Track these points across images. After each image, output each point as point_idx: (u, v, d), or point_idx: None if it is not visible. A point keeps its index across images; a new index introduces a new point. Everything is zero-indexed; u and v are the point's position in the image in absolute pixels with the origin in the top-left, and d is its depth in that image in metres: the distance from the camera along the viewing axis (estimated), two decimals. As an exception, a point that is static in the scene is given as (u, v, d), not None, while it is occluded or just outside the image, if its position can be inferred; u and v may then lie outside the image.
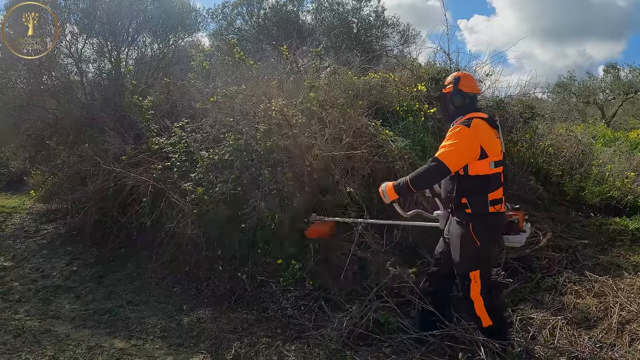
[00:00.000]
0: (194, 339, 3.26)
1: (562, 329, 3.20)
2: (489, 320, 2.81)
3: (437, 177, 2.79)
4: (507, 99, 5.65)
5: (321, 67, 5.50)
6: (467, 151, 2.70)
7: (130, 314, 3.70)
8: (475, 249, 2.79)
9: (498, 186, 2.78)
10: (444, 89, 3.04)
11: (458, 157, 2.69)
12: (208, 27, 10.96)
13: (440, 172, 2.70)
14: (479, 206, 2.76)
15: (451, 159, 2.67)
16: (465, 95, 2.90)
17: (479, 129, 2.73)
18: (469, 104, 2.91)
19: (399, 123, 4.78)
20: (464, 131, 2.71)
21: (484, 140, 2.72)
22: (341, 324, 3.12)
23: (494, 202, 2.76)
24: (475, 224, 2.77)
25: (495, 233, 2.88)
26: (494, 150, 2.76)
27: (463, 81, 2.93)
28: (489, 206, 2.75)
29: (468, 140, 2.69)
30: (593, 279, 3.89)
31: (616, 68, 15.30)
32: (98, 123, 5.91)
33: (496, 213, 2.77)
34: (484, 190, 2.75)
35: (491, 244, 2.91)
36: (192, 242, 4.24)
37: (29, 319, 3.58)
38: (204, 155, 4.24)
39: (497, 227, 2.87)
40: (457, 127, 2.76)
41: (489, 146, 2.73)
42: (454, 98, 2.92)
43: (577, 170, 6.16)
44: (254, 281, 3.97)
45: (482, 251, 2.81)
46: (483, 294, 2.80)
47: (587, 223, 5.28)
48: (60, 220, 6.24)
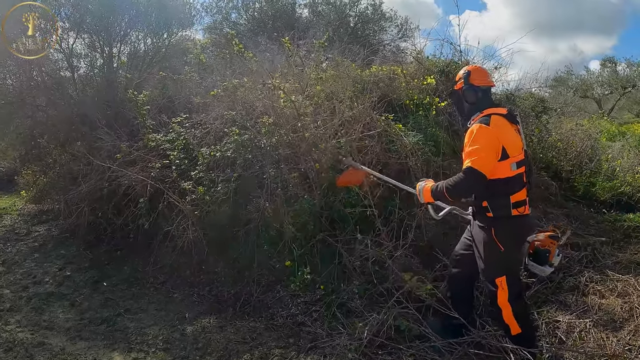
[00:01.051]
0: (199, 351, 3.02)
1: (589, 331, 3.07)
2: (517, 328, 2.66)
3: (475, 186, 2.60)
4: (517, 93, 5.45)
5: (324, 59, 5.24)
6: (494, 150, 2.55)
7: (129, 324, 3.45)
8: (499, 255, 2.64)
9: (521, 187, 2.64)
10: (455, 86, 2.90)
11: (488, 160, 2.53)
12: (202, 21, 10.71)
13: (476, 181, 2.53)
14: (501, 210, 2.62)
15: (484, 165, 2.51)
16: (478, 90, 2.74)
17: (498, 127, 2.58)
18: (483, 99, 2.75)
19: (409, 117, 4.57)
20: (484, 131, 2.55)
21: (505, 139, 2.57)
22: (360, 333, 2.90)
23: (517, 204, 2.61)
24: (497, 228, 2.63)
25: (520, 237, 2.72)
26: (515, 149, 2.61)
27: (474, 75, 2.78)
28: (511, 209, 2.61)
29: (490, 139, 2.54)
30: (615, 279, 3.77)
31: (614, 62, 15.23)
32: (90, 120, 5.63)
33: (519, 216, 2.63)
34: (506, 193, 2.60)
35: (516, 249, 2.72)
36: (192, 245, 4.01)
37: (21, 331, 3.33)
38: (204, 152, 3.99)
39: (522, 231, 2.73)
40: (476, 127, 2.59)
41: (510, 145, 2.58)
42: (466, 94, 2.77)
43: (587, 166, 6.03)
44: (260, 286, 3.75)
45: (507, 256, 2.65)
46: (511, 301, 2.65)
47: (601, 219, 5.14)
48: (53, 221, 5.95)
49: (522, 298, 2.77)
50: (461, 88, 2.79)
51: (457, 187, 2.60)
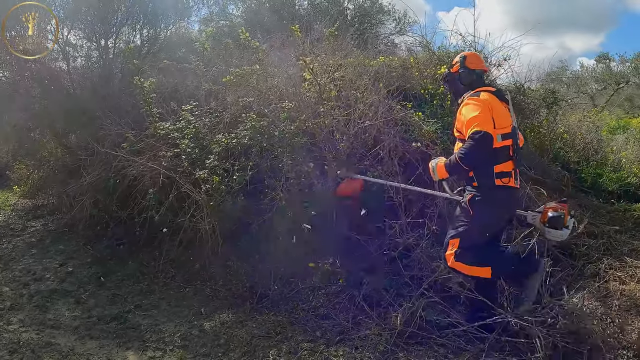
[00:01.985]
0: (222, 348, 2.85)
1: (614, 317, 3.09)
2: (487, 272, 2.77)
3: (485, 148, 2.63)
4: (528, 84, 5.41)
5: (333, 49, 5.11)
6: (490, 116, 2.68)
7: (141, 321, 3.27)
8: (466, 218, 2.78)
9: (506, 159, 2.74)
10: (451, 69, 3.07)
11: (490, 122, 2.65)
12: (200, 12, 10.46)
13: (486, 142, 2.60)
14: (484, 178, 2.73)
15: (487, 125, 2.62)
16: (473, 73, 2.94)
17: (487, 99, 2.74)
18: (476, 81, 2.94)
19: (423, 106, 4.48)
20: (477, 100, 2.73)
21: (494, 109, 2.72)
22: (393, 323, 2.80)
23: (501, 174, 2.71)
24: (475, 195, 2.74)
25: (497, 208, 2.80)
26: (502, 122, 2.74)
27: (470, 59, 2.98)
28: (494, 178, 2.71)
29: (484, 106, 2.69)
30: (634, 265, 3.77)
31: (608, 58, 15.40)
32: (89, 111, 5.41)
33: (503, 187, 2.72)
34: (490, 162, 2.71)
35: (486, 220, 2.77)
36: (204, 237, 3.85)
37: (25, 331, 3.12)
38: (220, 139, 3.83)
39: (504, 202, 2.81)
40: (469, 99, 2.77)
41: (498, 117, 2.71)
42: (462, 76, 2.96)
43: (593, 157, 6.09)
44: (277, 278, 3.61)
45: (473, 223, 2.75)
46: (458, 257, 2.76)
47: (612, 209, 5.18)
48: (49, 216, 5.72)
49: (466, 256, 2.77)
50: (457, 71, 2.98)
51: (470, 153, 2.65)
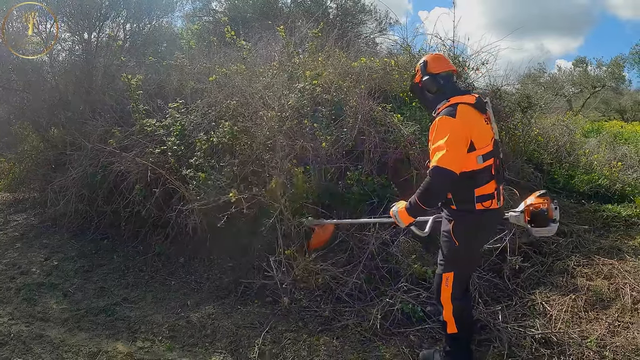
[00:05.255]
0: (208, 338, 2.98)
1: (580, 310, 3.26)
2: (454, 328, 2.57)
3: (446, 185, 2.37)
4: (504, 88, 5.62)
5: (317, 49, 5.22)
6: (461, 144, 2.34)
7: (129, 313, 3.36)
8: (452, 249, 2.52)
9: (487, 180, 2.44)
10: (414, 79, 2.72)
11: (457, 155, 2.31)
12: (183, 7, 10.46)
13: (446, 180, 2.30)
14: (464, 203, 2.45)
15: (452, 162, 2.28)
16: (438, 77, 2.58)
17: (466, 118, 2.38)
18: (445, 85, 2.57)
19: (403, 108, 4.63)
20: (450, 123, 2.34)
21: (472, 131, 2.38)
22: (369, 315, 2.96)
23: (482, 198, 2.43)
24: (457, 222, 2.48)
25: (482, 233, 2.60)
26: (483, 141, 2.43)
27: (431, 63, 2.62)
28: (475, 203, 2.43)
29: (456, 132, 2.32)
30: (601, 262, 3.96)
31: (585, 62, 15.90)
32: (73, 106, 5.42)
33: (485, 210, 2.45)
34: (470, 186, 2.43)
35: (474, 246, 2.59)
36: (189, 232, 3.94)
37: (15, 323, 3.19)
38: (202, 137, 3.92)
39: (485, 226, 2.58)
40: (441, 119, 2.38)
41: (478, 137, 2.40)
42: (426, 83, 2.60)
43: (566, 159, 6.30)
44: (260, 272, 3.73)
45: (460, 253, 2.52)
46: (452, 300, 2.54)
47: (582, 210, 5.38)
48: (30, 210, 5.73)
49: (464, 300, 2.62)
50: (421, 79, 2.64)
51: (428, 192, 2.36)
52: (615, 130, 10.13)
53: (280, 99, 3.81)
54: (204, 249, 4.11)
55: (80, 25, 6.70)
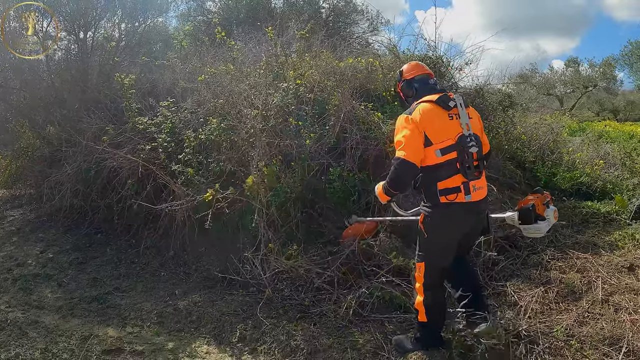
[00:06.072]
0: (194, 324, 3.16)
1: (550, 302, 3.35)
2: (424, 317, 2.71)
3: (407, 175, 2.56)
4: (487, 87, 5.78)
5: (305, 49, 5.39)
6: (416, 138, 2.51)
7: (120, 301, 3.54)
8: (423, 241, 2.68)
9: (451, 174, 2.54)
10: (397, 88, 2.98)
11: (413, 147, 2.50)
12: (178, 7, 10.60)
13: (407, 169, 2.51)
14: (430, 197, 2.60)
15: (409, 153, 2.48)
16: (413, 81, 2.78)
17: (422, 114, 2.53)
18: (421, 88, 2.74)
19: (385, 107, 4.79)
20: (405, 120, 2.56)
21: (426, 126, 2.52)
22: (346, 302, 3.13)
23: (446, 191, 2.54)
24: (426, 215, 2.63)
25: (450, 225, 2.64)
26: (441, 135, 2.55)
27: (406, 70, 2.85)
28: (439, 196, 2.54)
29: (410, 128, 2.52)
30: (575, 256, 4.07)
31: (577, 63, 16.06)
32: (68, 104, 5.58)
33: (451, 204, 2.54)
34: (433, 179, 2.56)
35: (442, 239, 2.67)
36: (179, 226, 4.11)
37: (11, 310, 3.36)
38: (190, 135, 4.09)
39: (453, 219, 2.61)
40: (400, 117, 2.60)
41: (434, 132, 2.53)
42: (404, 89, 2.84)
43: (549, 157, 6.43)
44: (246, 264, 3.89)
45: (428, 245, 2.66)
46: (425, 290, 2.68)
47: (561, 206, 5.50)
48: (27, 206, 5.90)
49: (436, 292, 2.73)
50: (400, 87, 2.88)
51: (392, 179, 2.61)
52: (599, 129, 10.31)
53: (265, 98, 3.97)
54: (193, 242, 4.27)
55: (76, 24, 6.86)
